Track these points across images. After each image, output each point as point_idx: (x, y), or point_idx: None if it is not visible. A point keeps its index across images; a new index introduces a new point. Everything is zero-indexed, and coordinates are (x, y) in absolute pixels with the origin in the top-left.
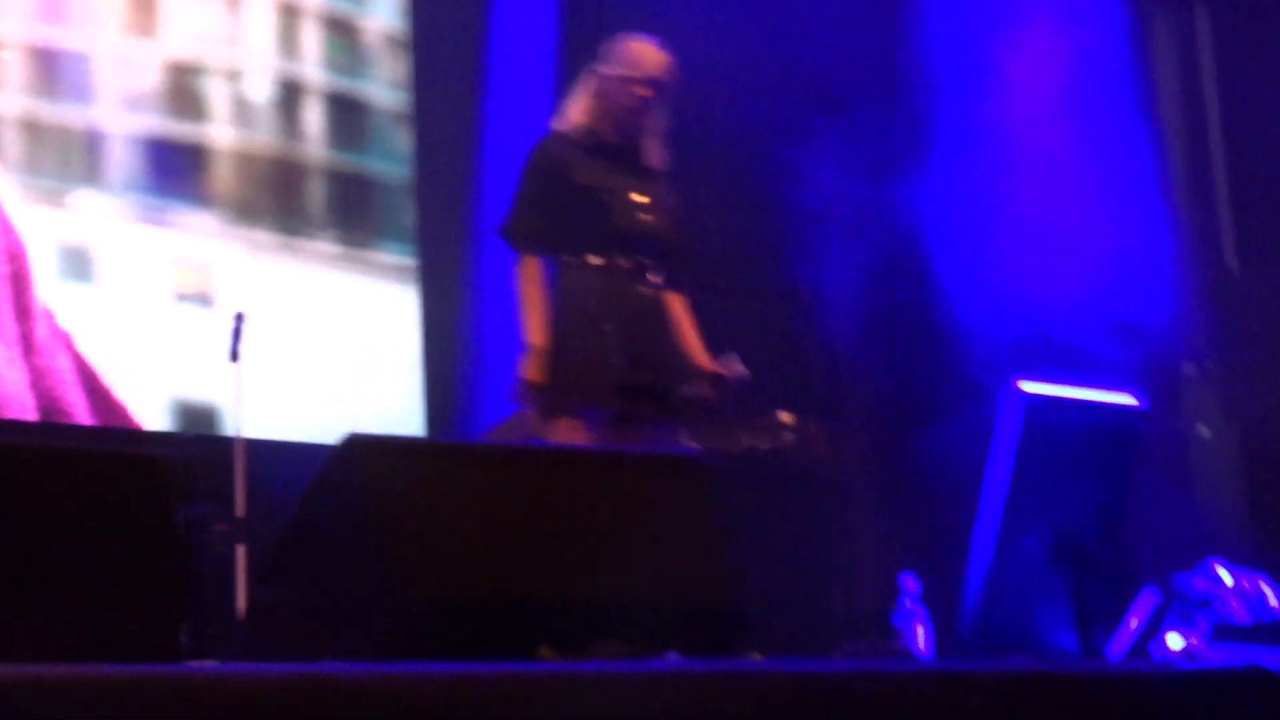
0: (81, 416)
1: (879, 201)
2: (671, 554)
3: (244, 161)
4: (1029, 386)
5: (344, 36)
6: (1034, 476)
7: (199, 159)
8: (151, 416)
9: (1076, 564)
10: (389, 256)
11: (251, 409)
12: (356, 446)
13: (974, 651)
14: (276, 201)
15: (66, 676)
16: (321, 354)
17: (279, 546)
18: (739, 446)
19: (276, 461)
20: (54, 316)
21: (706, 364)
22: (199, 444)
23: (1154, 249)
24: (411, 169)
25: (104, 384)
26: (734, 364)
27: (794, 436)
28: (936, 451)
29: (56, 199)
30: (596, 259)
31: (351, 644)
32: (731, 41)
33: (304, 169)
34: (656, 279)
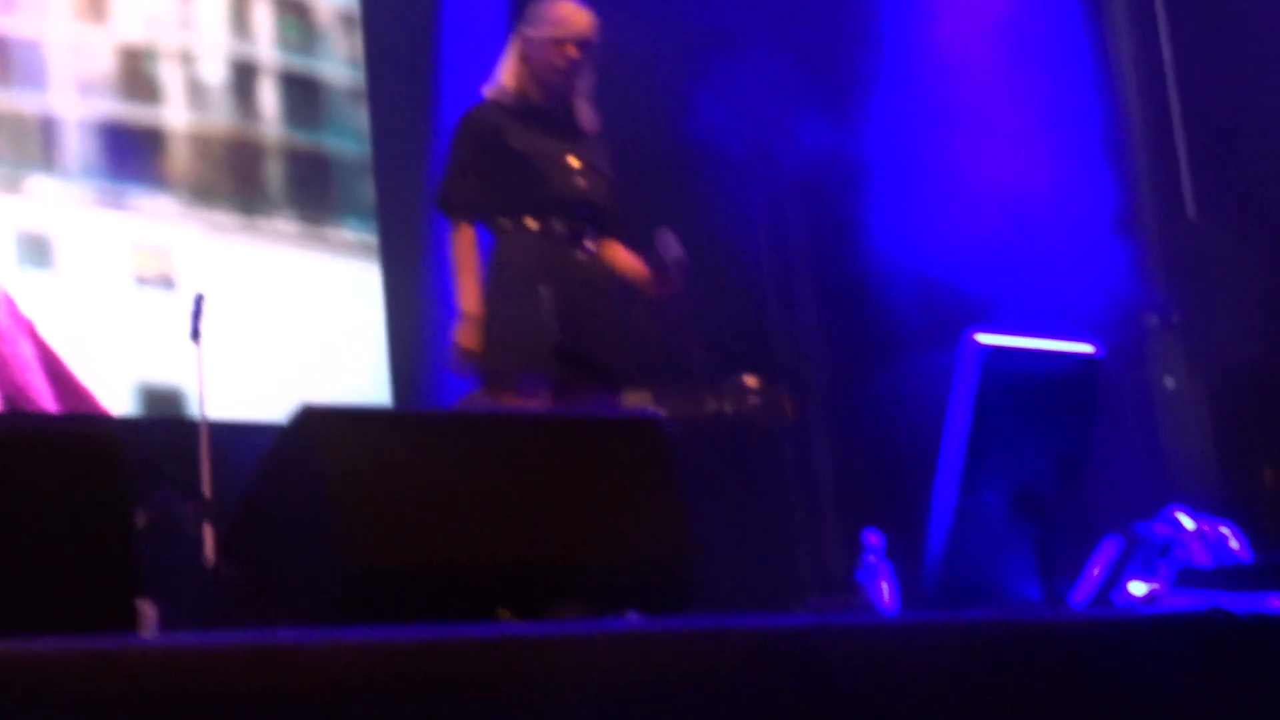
0: (46, 403)
1: (815, 150)
2: (630, 515)
3: (201, 143)
4: (985, 338)
5: (296, 16)
6: (993, 428)
7: (155, 142)
8: (116, 401)
9: (1037, 514)
10: (350, 234)
11: (217, 391)
12: (310, 417)
13: (938, 605)
14: (235, 182)
15: (21, 649)
16: (286, 333)
17: (236, 520)
18: (705, 411)
19: (243, 442)
20: (15, 304)
21: (644, 273)
22: (165, 427)
23: (1112, 199)
24: (369, 146)
25: (68, 370)
26: (669, 243)
27: (759, 400)
28: (896, 407)
29: (13, 186)
30: (533, 223)
31: (309, 613)
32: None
33: (261, 149)
34: (593, 246)
